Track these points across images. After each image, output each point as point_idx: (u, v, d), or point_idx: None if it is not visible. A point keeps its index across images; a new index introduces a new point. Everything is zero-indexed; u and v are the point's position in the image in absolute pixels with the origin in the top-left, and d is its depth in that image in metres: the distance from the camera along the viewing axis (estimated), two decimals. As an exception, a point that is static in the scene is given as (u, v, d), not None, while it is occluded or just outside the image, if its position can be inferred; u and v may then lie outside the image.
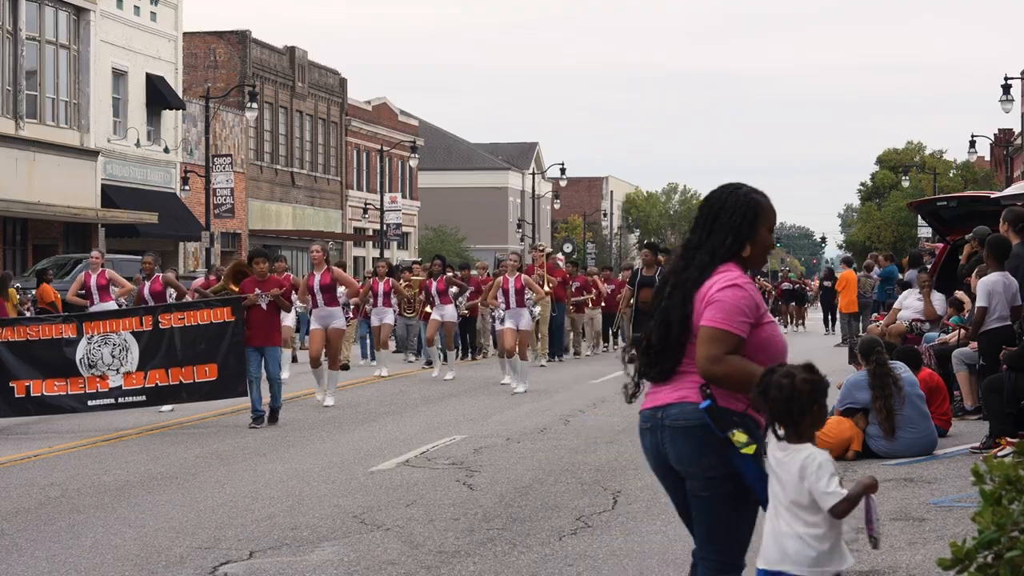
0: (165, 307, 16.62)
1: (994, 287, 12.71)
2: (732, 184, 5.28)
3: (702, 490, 5.07)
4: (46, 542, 8.92)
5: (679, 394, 5.05)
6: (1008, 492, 3.62)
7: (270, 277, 16.28)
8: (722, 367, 4.93)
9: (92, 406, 15.91)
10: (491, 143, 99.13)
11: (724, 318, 4.95)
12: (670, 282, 5.17)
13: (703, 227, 5.19)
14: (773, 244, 5.32)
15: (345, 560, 8.16)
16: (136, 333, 15.88)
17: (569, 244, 77.82)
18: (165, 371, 15.81)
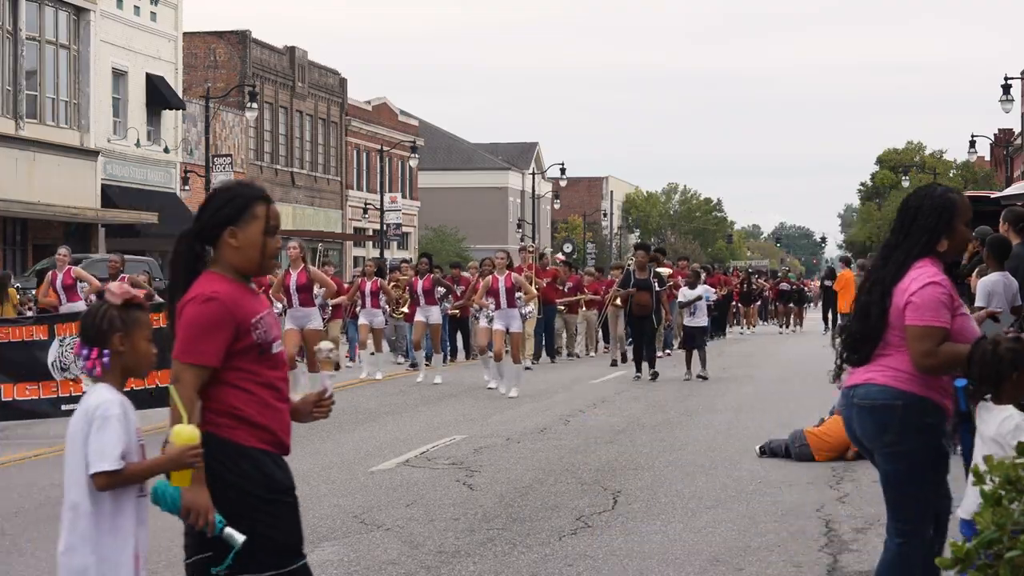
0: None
1: (994, 287, 12.70)
2: (927, 187, 5.91)
3: (883, 464, 5.64)
4: (46, 542, 8.91)
5: (867, 376, 5.60)
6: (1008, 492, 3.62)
7: None
8: (936, 359, 5.48)
9: (66, 411, 15.20)
10: (491, 143, 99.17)
11: (930, 315, 5.49)
12: (870, 279, 5.73)
13: (900, 229, 5.76)
14: (970, 237, 5.93)
15: (345, 560, 8.16)
16: None
17: (569, 244, 77.81)
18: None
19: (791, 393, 19.18)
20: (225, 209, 4.78)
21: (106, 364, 4.52)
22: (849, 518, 9.26)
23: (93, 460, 4.41)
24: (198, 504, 4.55)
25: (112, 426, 4.44)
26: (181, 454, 4.45)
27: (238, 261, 4.79)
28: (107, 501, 4.46)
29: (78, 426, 4.47)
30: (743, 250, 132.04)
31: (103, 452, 4.41)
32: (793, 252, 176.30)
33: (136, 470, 4.46)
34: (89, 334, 4.54)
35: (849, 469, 11.51)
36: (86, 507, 4.44)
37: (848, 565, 7.84)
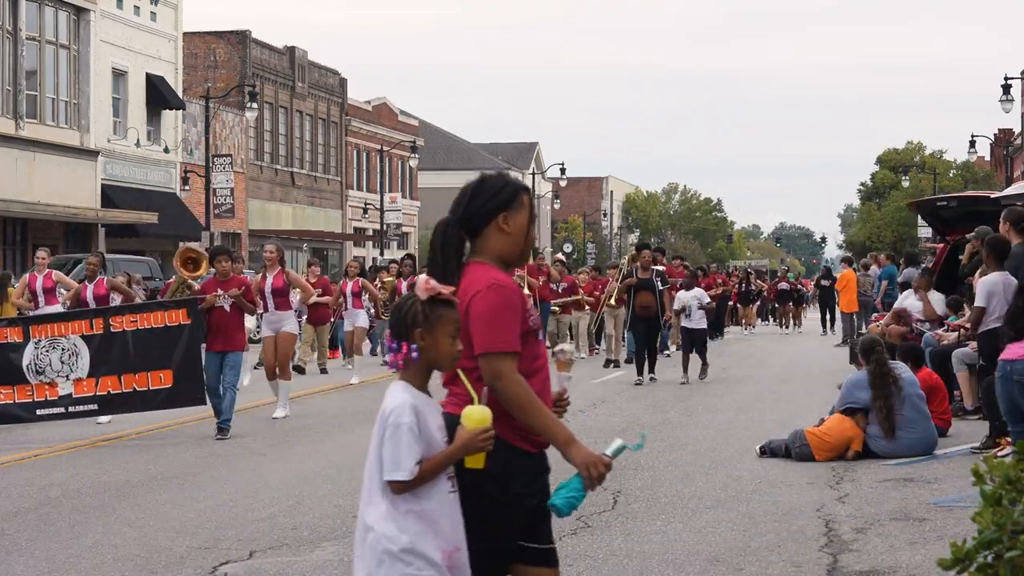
0: (116, 309, 15.60)
1: (993, 287, 12.71)
2: None
3: None
4: (46, 542, 8.92)
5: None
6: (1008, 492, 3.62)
7: (232, 276, 15.18)
8: None
9: (41, 415, 14.87)
10: (491, 143, 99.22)
11: None
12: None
13: None
14: None
15: (345, 560, 8.15)
16: (86, 337, 14.79)
17: (569, 244, 77.85)
18: (118, 378, 14.76)
19: (791, 393, 19.18)
20: (499, 195, 4.75)
21: (414, 359, 4.48)
22: (849, 518, 9.26)
23: (388, 468, 4.54)
24: (588, 459, 4.71)
25: (403, 436, 4.47)
26: (472, 438, 4.48)
27: (505, 249, 4.76)
28: (410, 498, 4.51)
29: (378, 423, 4.59)
30: (743, 250, 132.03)
31: (397, 462, 4.49)
32: (793, 252, 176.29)
33: (431, 467, 4.47)
34: (398, 328, 4.52)
35: (849, 469, 11.51)
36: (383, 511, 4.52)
37: (848, 565, 7.83)
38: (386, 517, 4.49)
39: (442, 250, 4.74)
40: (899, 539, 8.49)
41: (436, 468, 4.48)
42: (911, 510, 9.50)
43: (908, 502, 9.85)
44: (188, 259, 16.72)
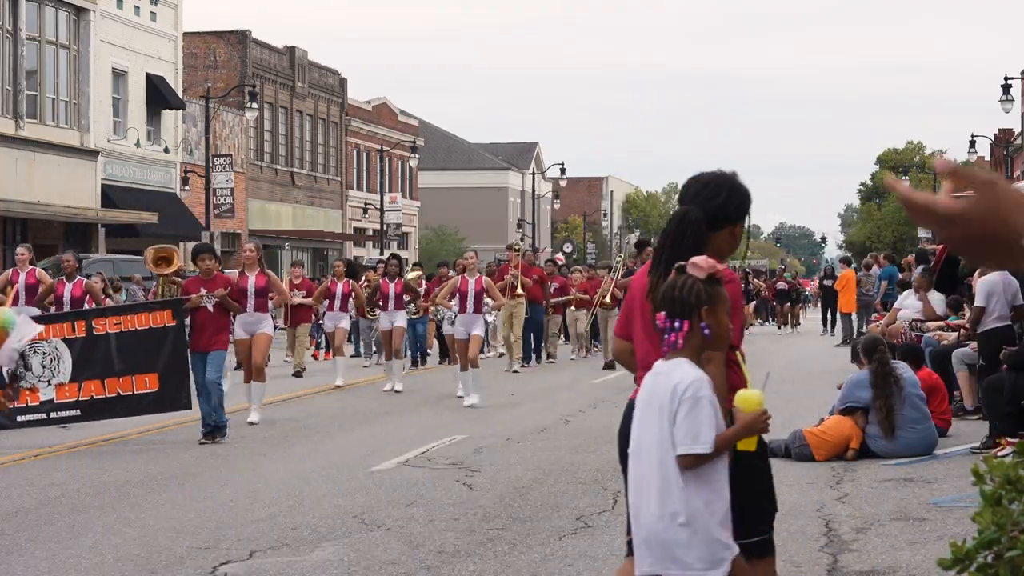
0: (99, 311, 15.19)
1: (993, 287, 12.73)
2: None
3: None
4: (46, 542, 8.91)
5: None
6: (1008, 492, 3.62)
7: (216, 275, 14.75)
8: None
9: (22, 422, 14.37)
10: (491, 143, 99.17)
11: None
12: None
13: None
14: None
15: (345, 560, 8.16)
16: (68, 340, 14.29)
17: (569, 244, 77.83)
18: (101, 383, 14.31)
19: (791, 393, 19.17)
20: (743, 206, 5.10)
21: (708, 337, 4.51)
22: (849, 518, 9.26)
23: (684, 441, 4.43)
24: (755, 421, 4.62)
25: (703, 408, 4.45)
26: (755, 420, 4.53)
27: (724, 252, 5.03)
28: (701, 474, 4.50)
29: (662, 399, 4.48)
30: (743, 250, 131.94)
31: (697, 435, 4.43)
32: (793, 252, 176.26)
33: (721, 444, 4.49)
34: (678, 307, 4.53)
35: (849, 469, 11.51)
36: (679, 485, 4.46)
37: (848, 565, 7.84)
38: (693, 498, 4.50)
39: (681, 239, 4.87)
40: (899, 539, 8.49)
41: (725, 445, 4.52)
42: (911, 510, 9.50)
43: (908, 502, 9.85)
44: (159, 258, 16.28)
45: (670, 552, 4.47)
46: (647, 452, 4.54)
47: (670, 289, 4.58)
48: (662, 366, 4.57)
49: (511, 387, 21.35)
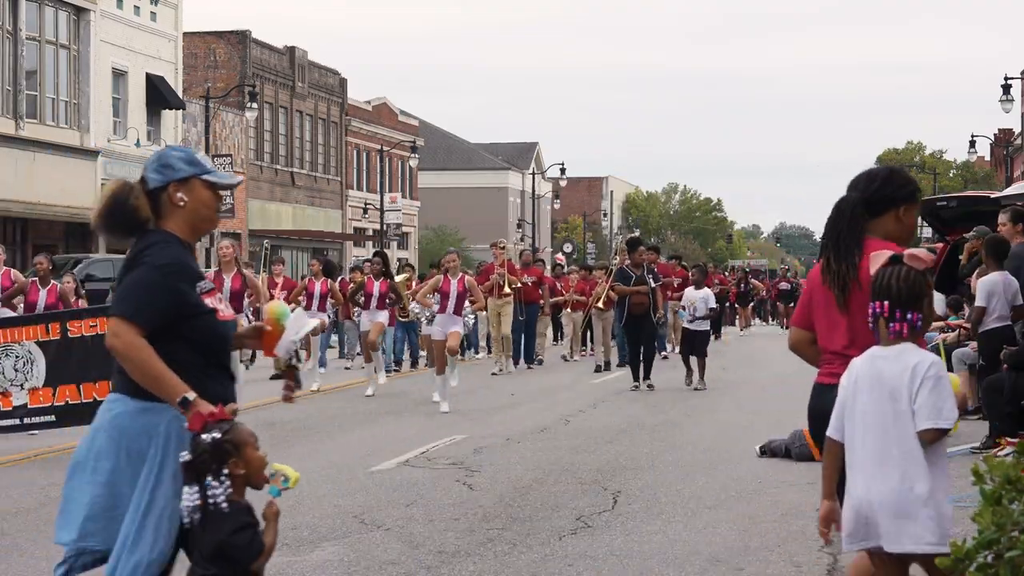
0: (75, 313, 14.54)
1: (993, 287, 12.72)
2: None
3: None
4: (46, 542, 8.90)
5: None
6: (1008, 492, 3.62)
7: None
8: None
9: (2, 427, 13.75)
10: (491, 143, 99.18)
11: None
12: None
13: None
14: None
15: (345, 560, 8.16)
16: (42, 343, 13.60)
17: (569, 244, 77.83)
18: (76, 387, 13.55)
19: (791, 393, 19.14)
20: (906, 188, 5.39)
21: (919, 327, 4.82)
22: (849, 518, 9.25)
23: (930, 416, 4.74)
24: None
25: (946, 386, 4.77)
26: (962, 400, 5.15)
27: (896, 236, 5.32)
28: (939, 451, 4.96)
29: (895, 381, 4.76)
30: (743, 250, 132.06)
31: (941, 411, 4.73)
32: (793, 252, 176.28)
33: None
34: (904, 298, 4.79)
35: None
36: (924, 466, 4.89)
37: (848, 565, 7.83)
38: (935, 473, 4.97)
39: (848, 225, 5.26)
40: (899, 539, 8.48)
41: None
42: (911, 510, 9.50)
43: (908, 502, 9.84)
44: None
45: (907, 525, 4.87)
46: (876, 430, 4.82)
47: (894, 280, 4.81)
48: (884, 351, 4.83)
49: (511, 387, 21.36)
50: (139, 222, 5.00)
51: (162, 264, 4.88)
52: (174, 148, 5.14)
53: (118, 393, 4.92)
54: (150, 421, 4.83)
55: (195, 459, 4.77)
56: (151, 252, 4.91)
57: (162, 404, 4.81)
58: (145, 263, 4.89)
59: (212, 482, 4.77)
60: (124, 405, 4.88)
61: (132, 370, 4.78)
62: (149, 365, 4.75)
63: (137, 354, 4.75)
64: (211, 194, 5.17)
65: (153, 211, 5.02)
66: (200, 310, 4.94)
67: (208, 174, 5.12)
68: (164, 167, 5.05)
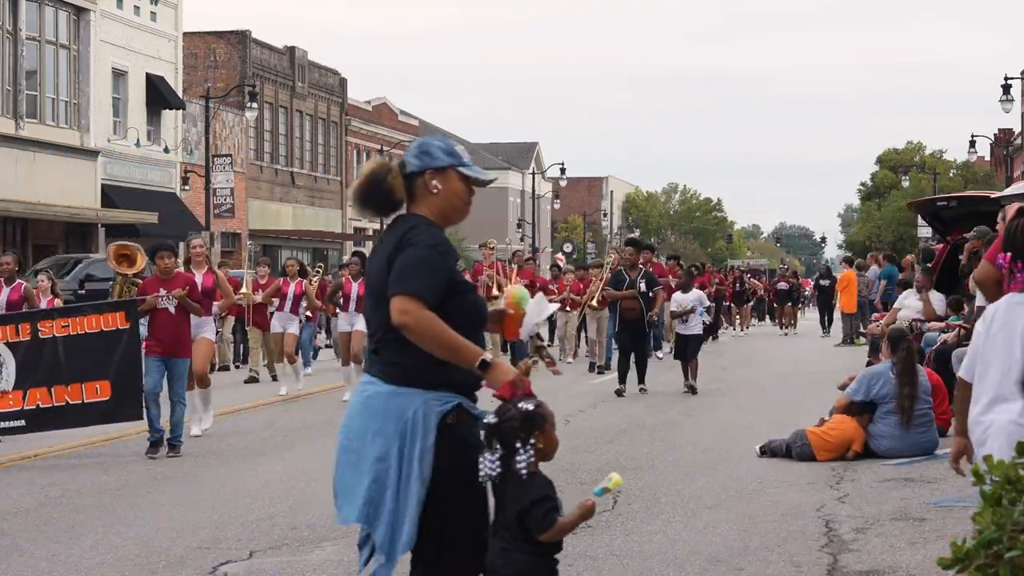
0: (46, 313, 14.07)
1: (994, 287, 12.72)
2: None
3: None
4: (46, 542, 8.92)
5: None
6: (1008, 492, 3.62)
7: (177, 274, 13.60)
8: None
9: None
10: (491, 143, 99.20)
11: None
12: None
13: None
14: None
15: (345, 560, 8.16)
16: (11, 344, 13.13)
17: (569, 244, 77.85)
18: (48, 390, 13.12)
19: (791, 393, 19.17)
20: None
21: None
22: (849, 518, 9.26)
23: None
24: None
25: None
26: None
27: None
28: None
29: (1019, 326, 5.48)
30: (743, 250, 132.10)
31: None
32: (793, 252, 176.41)
33: None
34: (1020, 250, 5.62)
35: (849, 469, 11.51)
36: None
37: (848, 565, 7.84)
38: None
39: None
40: (899, 539, 8.50)
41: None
42: (911, 510, 9.51)
43: (908, 502, 9.85)
44: (121, 255, 15.35)
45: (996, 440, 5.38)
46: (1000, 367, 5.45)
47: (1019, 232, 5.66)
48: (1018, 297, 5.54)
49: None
50: (393, 202, 5.15)
51: (433, 243, 4.97)
52: (436, 138, 5.25)
53: (372, 376, 5.03)
54: (401, 405, 4.90)
55: (502, 424, 4.87)
56: (418, 232, 5.00)
57: (413, 389, 4.90)
58: (416, 243, 4.97)
59: (520, 450, 4.92)
60: (377, 387, 4.98)
61: (426, 343, 4.83)
62: (445, 336, 4.83)
63: (430, 327, 4.82)
64: (464, 187, 5.18)
65: (407, 194, 5.15)
66: (465, 288, 5.07)
67: (465, 167, 5.16)
68: (424, 154, 5.16)
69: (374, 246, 5.35)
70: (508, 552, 4.96)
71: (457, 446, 4.88)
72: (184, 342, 13.46)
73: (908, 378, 12.13)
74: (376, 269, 5.07)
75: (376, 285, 5.01)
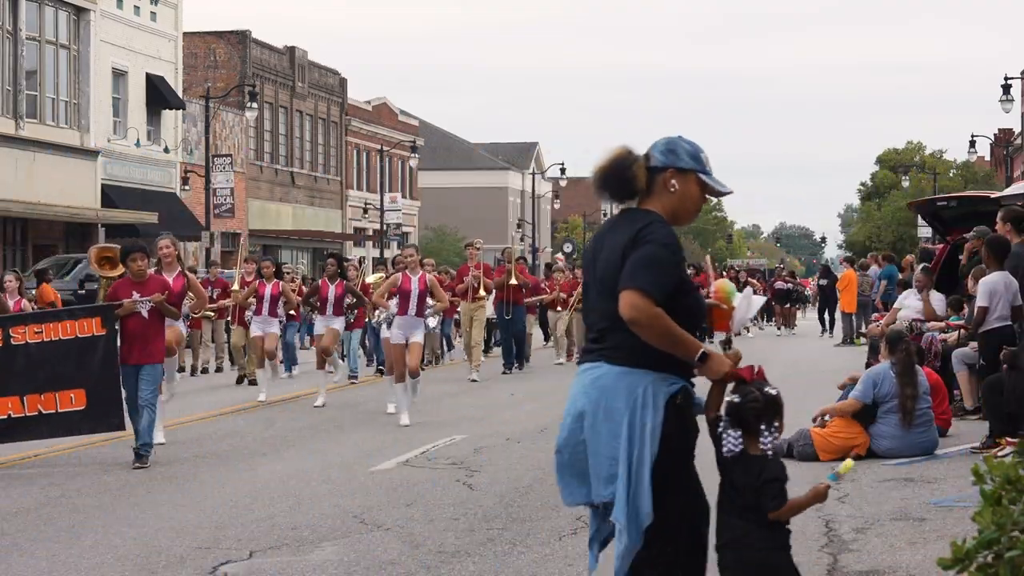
0: (18, 318, 13.41)
1: (995, 287, 12.73)
2: None
3: None
4: (46, 542, 8.91)
5: None
6: (1008, 492, 3.62)
7: (150, 277, 12.98)
8: None
9: None
10: (491, 143, 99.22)
11: None
12: None
13: None
14: None
15: (345, 560, 8.16)
16: None
17: (569, 244, 77.79)
18: (20, 400, 12.49)
19: (791, 393, 19.05)
20: None
21: None
22: (849, 518, 9.26)
23: None
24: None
25: None
26: None
27: None
28: None
29: None
30: (743, 250, 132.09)
31: None
32: (793, 252, 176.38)
33: None
34: None
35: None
36: None
37: (848, 565, 7.84)
38: None
39: None
40: (899, 539, 8.49)
41: None
42: (911, 510, 9.50)
43: (908, 502, 9.85)
44: (104, 258, 14.95)
45: None
46: None
47: None
48: None
49: (511, 387, 21.35)
50: (632, 190, 5.27)
51: (668, 243, 5.12)
52: (685, 140, 5.35)
53: (598, 362, 5.25)
54: (632, 383, 5.12)
55: (744, 404, 5.30)
56: (653, 229, 5.13)
57: (641, 369, 5.11)
58: (652, 241, 5.11)
59: (765, 431, 5.28)
60: (603, 369, 5.23)
61: (651, 338, 5.03)
62: (671, 331, 5.04)
63: (659, 323, 5.01)
64: (700, 193, 5.33)
65: (645, 187, 5.26)
66: (691, 288, 5.26)
67: (706, 175, 5.30)
68: (670, 152, 5.27)
69: (598, 235, 5.53)
70: (741, 526, 5.27)
71: (682, 426, 5.18)
72: (156, 347, 12.82)
73: (909, 378, 12.14)
74: (605, 259, 5.22)
75: (606, 276, 5.18)
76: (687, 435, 5.20)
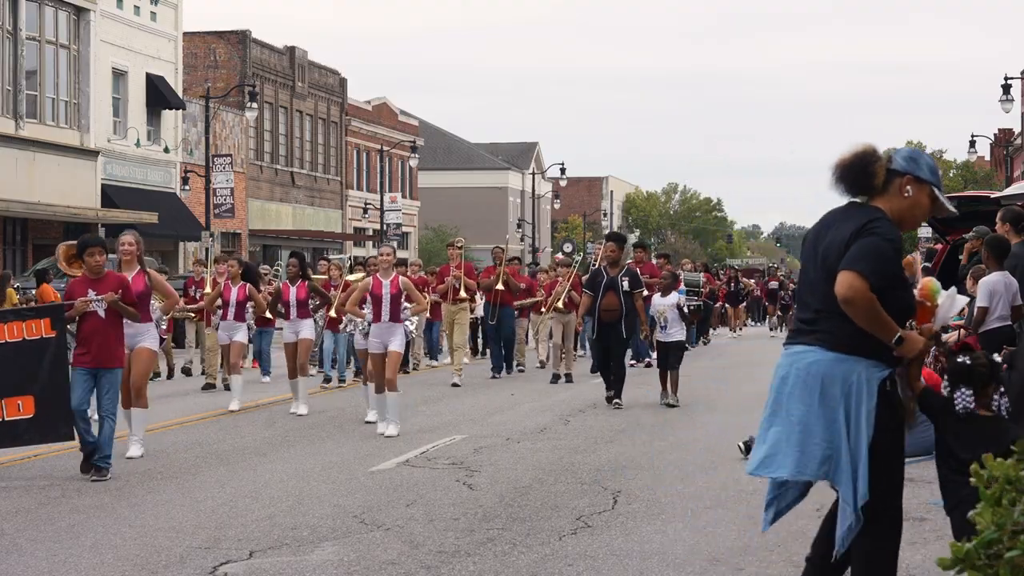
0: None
1: (995, 287, 12.73)
2: None
3: None
4: (46, 542, 8.91)
5: None
6: (1008, 492, 3.62)
7: (108, 274, 12.04)
8: None
9: None
10: (491, 143, 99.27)
11: None
12: None
13: None
14: None
15: (345, 560, 8.16)
16: None
17: (569, 244, 77.80)
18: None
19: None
20: None
21: None
22: (849, 518, 9.25)
23: None
24: None
25: None
26: None
27: None
28: None
29: None
30: (743, 250, 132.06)
31: None
32: (793, 252, 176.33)
33: None
34: None
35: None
36: None
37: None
38: None
39: None
40: (899, 539, 8.49)
41: None
42: (911, 510, 9.50)
43: (908, 502, 9.80)
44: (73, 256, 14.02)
45: None
46: None
47: None
48: None
49: (511, 387, 21.35)
50: (868, 185, 5.69)
51: (892, 238, 5.60)
52: (927, 156, 5.84)
53: (811, 346, 5.66)
54: (847, 369, 5.59)
55: (974, 367, 6.22)
56: (880, 224, 5.59)
57: (855, 356, 5.59)
58: (878, 233, 5.57)
59: (996, 395, 6.07)
60: (818, 355, 5.63)
61: (860, 317, 5.49)
62: (879, 315, 5.50)
63: (870, 304, 5.48)
64: (930, 205, 5.84)
65: (881, 186, 5.70)
66: (904, 285, 5.70)
67: (938, 189, 5.83)
68: (912, 160, 5.76)
69: (824, 221, 5.82)
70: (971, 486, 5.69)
71: (893, 409, 5.66)
72: (115, 351, 11.93)
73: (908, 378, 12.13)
74: (829, 244, 5.64)
75: (829, 260, 5.60)
76: (896, 417, 5.67)
